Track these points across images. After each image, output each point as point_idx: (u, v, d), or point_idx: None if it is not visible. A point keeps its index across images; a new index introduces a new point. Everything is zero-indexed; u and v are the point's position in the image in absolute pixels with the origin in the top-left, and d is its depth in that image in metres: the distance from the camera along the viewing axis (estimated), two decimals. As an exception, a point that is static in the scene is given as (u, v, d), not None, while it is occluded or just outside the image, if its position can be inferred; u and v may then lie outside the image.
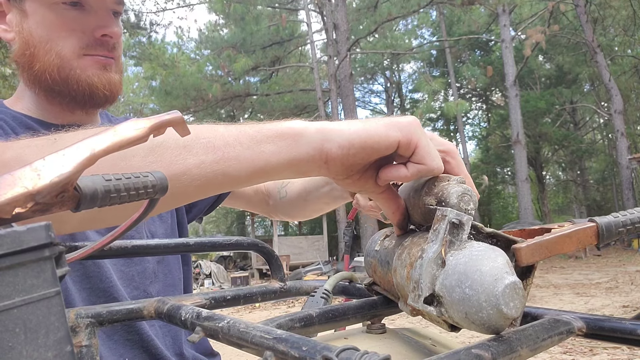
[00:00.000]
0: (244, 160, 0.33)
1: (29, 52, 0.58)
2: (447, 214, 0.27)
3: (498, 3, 9.79)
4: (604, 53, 10.80)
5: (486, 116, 20.07)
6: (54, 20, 0.57)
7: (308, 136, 0.33)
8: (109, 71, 0.60)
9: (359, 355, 0.18)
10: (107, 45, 0.60)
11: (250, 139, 0.34)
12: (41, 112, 0.62)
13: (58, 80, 0.58)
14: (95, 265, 0.57)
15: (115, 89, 0.61)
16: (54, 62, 0.57)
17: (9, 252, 0.14)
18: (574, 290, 5.49)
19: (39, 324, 0.15)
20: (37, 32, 0.57)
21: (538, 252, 0.27)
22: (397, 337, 0.37)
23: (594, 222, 0.29)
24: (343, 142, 0.33)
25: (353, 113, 9.44)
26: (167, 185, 0.24)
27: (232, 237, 0.50)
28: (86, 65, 0.58)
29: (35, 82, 0.59)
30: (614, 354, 2.63)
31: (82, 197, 0.20)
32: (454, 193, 0.29)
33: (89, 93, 0.59)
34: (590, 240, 0.29)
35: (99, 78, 0.59)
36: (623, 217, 0.29)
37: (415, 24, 17.17)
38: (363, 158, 0.33)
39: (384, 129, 0.33)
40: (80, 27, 0.58)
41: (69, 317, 0.30)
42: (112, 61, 0.61)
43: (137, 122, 0.21)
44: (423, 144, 0.33)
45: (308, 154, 0.33)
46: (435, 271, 0.25)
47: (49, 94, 0.60)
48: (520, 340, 0.23)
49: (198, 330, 0.27)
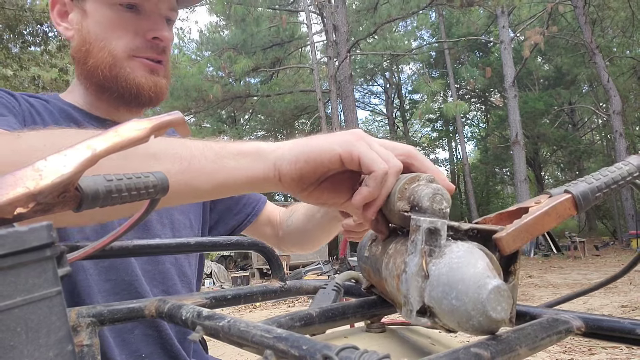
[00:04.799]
0: (207, 173, 0.36)
1: (84, 48, 0.61)
2: (421, 223, 0.26)
3: (497, 4, 9.81)
4: (602, 54, 10.83)
5: (485, 117, 20.10)
6: (111, 20, 0.60)
7: (264, 155, 0.37)
8: (157, 75, 0.63)
9: (359, 354, 0.19)
10: (156, 48, 0.62)
11: (215, 153, 0.36)
12: (88, 106, 0.65)
13: (108, 76, 0.61)
14: (122, 259, 0.58)
15: (161, 92, 0.64)
16: (106, 60, 0.60)
17: (10, 252, 0.14)
18: (572, 290, 5.47)
19: (40, 324, 0.15)
20: (94, 30, 0.61)
21: (520, 237, 0.27)
22: (397, 336, 0.37)
23: (569, 192, 0.28)
24: (291, 158, 0.36)
25: (353, 114, 9.45)
26: (168, 185, 0.24)
27: (232, 236, 0.50)
28: (135, 67, 0.61)
29: (88, 77, 0.63)
30: (612, 353, 2.63)
31: (84, 197, 0.20)
32: (425, 195, 0.29)
33: (135, 93, 0.61)
34: (568, 212, 0.28)
35: (146, 80, 0.62)
36: (597, 180, 0.28)
37: (414, 26, 17.19)
38: (309, 172, 0.37)
39: (325, 144, 0.36)
40: (134, 29, 0.61)
41: (70, 317, 0.30)
42: (161, 66, 0.64)
43: (139, 122, 0.21)
44: (364, 152, 0.35)
45: (264, 172, 0.37)
46: (421, 283, 0.25)
47: (98, 89, 0.63)
48: (519, 339, 0.23)
49: (199, 330, 0.27)
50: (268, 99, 13.87)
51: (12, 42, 7.74)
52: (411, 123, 21.38)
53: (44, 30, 7.91)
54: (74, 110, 0.64)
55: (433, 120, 19.72)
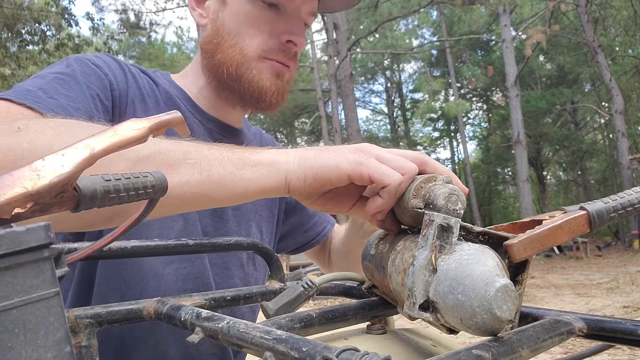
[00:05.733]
0: (225, 184, 0.36)
1: (215, 41, 0.58)
2: (435, 218, 0.26)
3: (499, 3, 9.78)
4: (604, 53, 10.79)
5: (487, 116, 20.05)
6: (249, 15, 0.57)
7: (277, 167, 0.38)
8: (281, 79, 0.60)
9: (359, 356, 0.18)
10: (288, 53, 0.59)
11: (233, 164, 0.37)
12: (201, 99, 0.62)
13: (233, 75, 0.58)
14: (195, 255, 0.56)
15: (282, 98, 0.61)
16: (235, 58, 0.57)
17: (8, 253, 0.14)
18: (574, 290, 5.48)
19: (38, 325, 0.15)
20: (229, 23, 0.58)
21: (530, 247, 0.27)
22: (398, 337, 0.37)
23: (585, 209, 0.28)
24: (299, 174, 0.38)
25: (353, 113, 9.44)
26: (167, 185, 0.24)
27: (231, 237, 0.50)
28: (263, 68, 0.58)
29: (212, 71, 0.60)
30: (614, 354, 2.63)
31: (82, 197, 0.20)
32: (441, 194, 0.29)
33: (257, 96, 0.59)
34: (582, 228, 0.28)
35: (271, 84, 0.59)
36: (613, 201, 0.29)
37: (415, 24, 17.17)
38: (317, 188, 0.38)
39: (333, 163, 0.37)
40: (269, 29, 0.58)
41: (68, 318, 0.30)
42: (287, 69, 0.60)
43: (137, 122, 0.21)
44: (374, 169, 0.35)
45: (276, 184, 0.38)
46: (428, 277, 0.25)
47: (219, 85, 0.60)
48: (521, 340, 0.23)
49: (198, 331, 0.27)
50: (269, 98, 13.80)
51: (10, 40, 7.76)
52: (412, 122, 21.36)
53: (42, 29, 7.92)
54: (182, 99, 0.61)
55: (434, 120, 19.68)
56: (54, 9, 7.98)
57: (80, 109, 0.46)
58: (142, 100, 0.56)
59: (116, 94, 0.53)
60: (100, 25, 9.13)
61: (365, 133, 21.50)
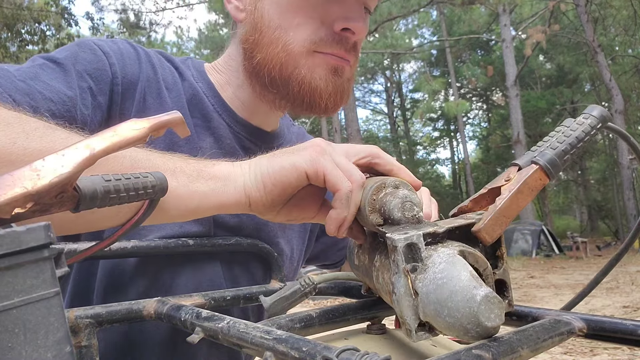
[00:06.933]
0: (178, 197, 0.34)
1: (253, 37, 0.48)
2: (397, 243, 0.25)
3: (498, 3, 9.77)
4: (604, 53, 10.78)
5: (487, 116, 20.05)
6: (293, 1, 0.46)
7: (233, 179, 0.36)
8: (340, 76, 0.48)
9: (359, 356, 0.18)
10: (345, 43, 0.47)
11: (187, 176, 0.35)
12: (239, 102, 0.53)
13: (277, 79, 0.48)
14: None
15: (341, 100, 0.50)
16: (278, 56, 0.47)
17: (8, 253, 0.14)
18: (574, 290, 5.48)
19: (38, 325, 0.15)
20: (269, 14, 0.47)
21: (498, 224, 0.26)
22: (398, 337, 0.37)
23: (537, 163, 0.27)
24: (258, 184, 0.35)
25: (353, 113, 9.44)
26: (167, 186, 0.24)
27: (231, 237, 0.50)
28: (315, 65, 0.47)
29: (253, 74, 0.50)
30: (614, 354, 2.63)
31: (82, 197, 0.20)
32: (394, 207, 0.29)
33: (309, 100, 0.48)
34: (540, 182, 0.27)
35: (326, 84, 0.48)
36: (562, 143, 0.28)
37: (415, 24, 17.16)
38: (279, 194, 0.35)
39: (288, 163, 0.35)
40: (320, 16, 0.46)
41: (69, 318, 0.30)
42: (347, 64, 0.49)
43: (137, 122, 0.21)
44: (328, 170, 0.34)
45: (235, 199, 0.36)
46: (413, 302, 0.25)
47: (264, 89, 0.50)
48: (521, 340, 0.23)
49: (198, 331, 0.27)
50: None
51: (10, 40, 7.75)
52: (412, 122, 21.36)
53: (41, 29, 7.91)
54: (210, 96, 0.51)
55: (434, 120, 19.68)
56: (54, 8, 7.98)
57: (53, 100, 0.40)
58: (158, 95, 0.49)
59: (118, 89, 0.46)
60: (100, 25, 9.14)
61: (365, 133, 21.48)
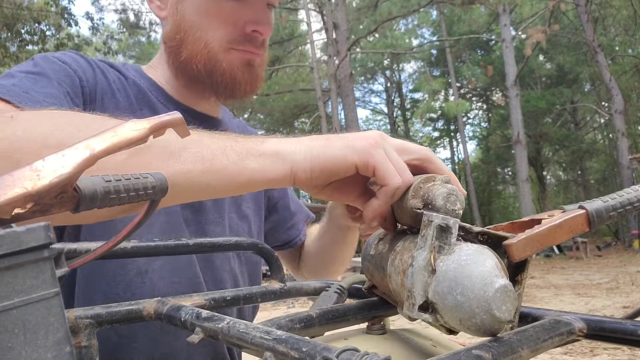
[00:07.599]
0: (228, 174, 0.35)
1: (178, 36, 0.56)
2: (433, 219, 0.26)
3: (498, 2, 9.78)
4: (604, 53, 10.79)
5: (487, 116, 20.06)
6: (211, 7, 0.55)
7: (283, 157, 0.37)
8: (252, 66, 0.58)
9: (359, 356, 0.18)
10: (255, 42, 0.57)
11: (237, 154, 0.36)
12: (171, 89, 0.60)
13: (203, 72, 0.56)
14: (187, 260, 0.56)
15: (257, 85, 0.59)
16: (201, 53, 0.55)
17: (8, 253, 0.14)
18: (574, 290, 5.48)
19: (38, 325, 0.15)
20: (190, 16, 0.55)
21: (530, 246, 0.27)
22: (398, 338, 0.37)
23: (584, 208, 0.28)
24: (306, 165, 0.37)
25: (353, 113, 9.44)
26: (167, 186, 0.24)
27: (231, 237, 0.50)
28: (232, 59, 0.56)
29: (180, 69, 0.58)
30: (614, 354, 2.63)
31: (82, 198, 0.20)
32: (440, 195, 0.29)
33: (231, 87, 0.57)
34: (581, 227, 0.28)
35: (243, 74, 0.57)
36: (612, 200, 0.29)
37: (415, 24, 17.18)
38: (324, 179, 0.37)
39: (341, 152, 0.36)
40: (233, 19, 0.55)
41: (69, 318, 0.30)
42: (257, 56, 0.58)
43: (137, 122, 0.21)
44: (380, 163, 0.34)
45: (283, 174, 0.37)
46: (427, 278, 0.25)
47: (191, 79, 0.58)
48: (521, 341, 0.23)
49: (198, 331, 0.27)
50: (267, 98, 13.86)
51: (10, 40, 7.75)
52: (412, 122, 21.36)
53: (41, 28, 7.91)
54: (153, 90, 0.59)
55: (434, 120, 19.69)
56: (54, 8, 7.98)
57: (57, 105, 0.44)
58: (112, 96, 0.55)
59: (86, 91, 0.52)
60: (99, 25, 9.14)
61: (365, 133, 21.35)
